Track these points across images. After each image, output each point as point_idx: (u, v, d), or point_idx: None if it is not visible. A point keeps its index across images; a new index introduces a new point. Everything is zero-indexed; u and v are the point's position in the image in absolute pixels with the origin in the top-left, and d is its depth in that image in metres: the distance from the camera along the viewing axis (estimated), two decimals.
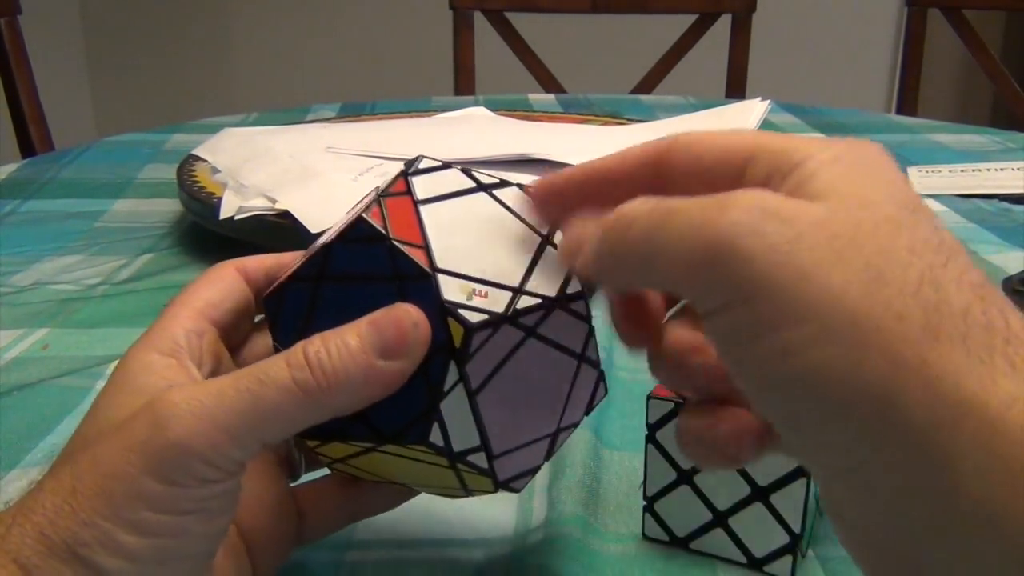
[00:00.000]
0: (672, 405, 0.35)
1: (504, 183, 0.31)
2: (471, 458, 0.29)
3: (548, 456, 0.31)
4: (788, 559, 0.35)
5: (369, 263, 0.28)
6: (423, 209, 0.29)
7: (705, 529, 0.36)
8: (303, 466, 0.35)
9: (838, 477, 0.22)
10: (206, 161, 0.74)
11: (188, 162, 0.74)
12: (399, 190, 0.29)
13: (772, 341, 0.21)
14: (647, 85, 1.49)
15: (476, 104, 1.03)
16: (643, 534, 0.37)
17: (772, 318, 0.21)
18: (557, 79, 1.49)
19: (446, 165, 0.30)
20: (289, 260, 0.32)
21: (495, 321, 0.28)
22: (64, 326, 0.56)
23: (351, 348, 0.27)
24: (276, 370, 0.26)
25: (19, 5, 1.28)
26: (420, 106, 1.07)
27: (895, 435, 0.21)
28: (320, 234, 0.32)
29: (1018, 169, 0.85)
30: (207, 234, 0.66)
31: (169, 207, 0.77)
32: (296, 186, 0.64)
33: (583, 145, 0.79)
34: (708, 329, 0.23)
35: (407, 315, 0.27)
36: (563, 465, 0.41)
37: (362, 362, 0.27)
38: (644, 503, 0.37)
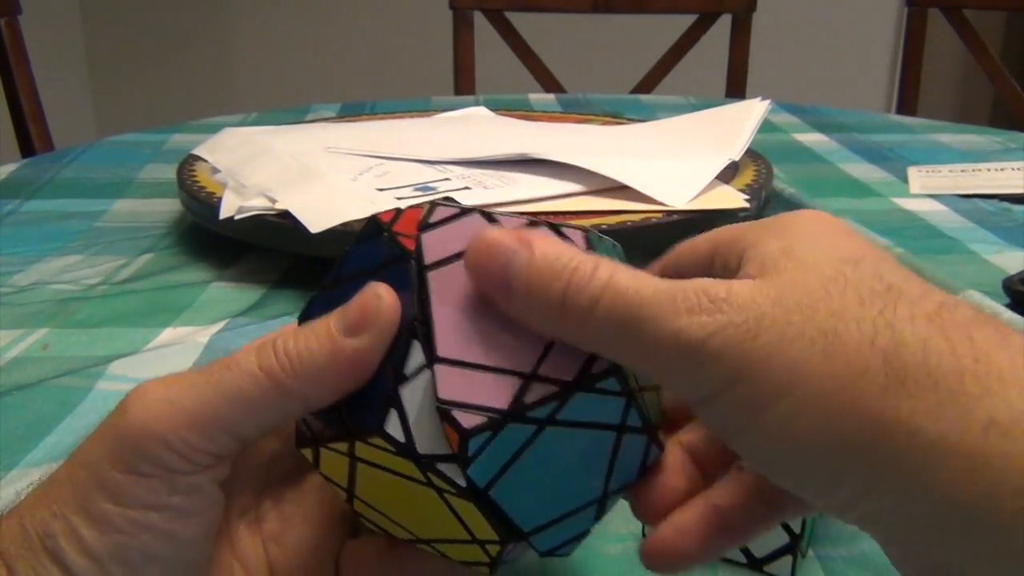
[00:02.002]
0: None
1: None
2: (443, 467, 0.25)
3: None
4: (788, 559, 0.35)
5: (371, 258, 0.28)
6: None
7: None
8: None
9: (863, 522, 0.23)
10: (206, 161, 0.74)
11: (188, 162, 0.74)
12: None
13: (762, 420, 0.23)
14: (647, 85, 1.49)
15: (476, 104, 1.03)
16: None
17: (754, 401, 0.22)
18: (557, 79, 1.49)
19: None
20: None
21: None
22: (64, 326, 0.56)
23: (316, 330, 0.26)
24: (243, 357, 0.26)
25: (19, 5, 1.28)
26: (420, 106, 1.07)
27: (894, 483, 0.21)
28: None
29: (1018, 169, 0.85)
30: (207, 234, 0.66)
31: (169, 207, 0.77)
32: (296, 186, 0.64)
33: (583, 145, 0.79)
34: (701, 416, 0.25)
35: (371, 288, 0.26)
36: None
37: (325, 341, 0.26)
38: None
